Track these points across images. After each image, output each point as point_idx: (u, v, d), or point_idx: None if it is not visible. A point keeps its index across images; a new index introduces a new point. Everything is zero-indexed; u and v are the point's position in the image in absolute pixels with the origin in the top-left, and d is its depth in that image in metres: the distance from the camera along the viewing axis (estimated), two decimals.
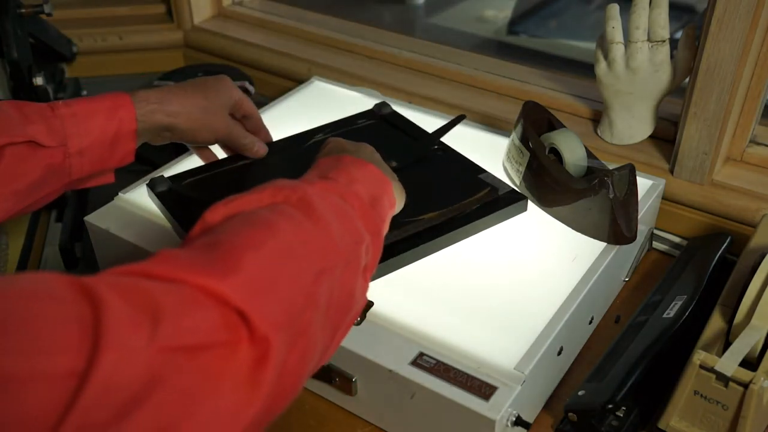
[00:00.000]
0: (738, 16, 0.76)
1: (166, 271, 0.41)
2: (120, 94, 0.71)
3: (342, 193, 0.55)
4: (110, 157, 0.71)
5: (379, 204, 0.59)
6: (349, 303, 0.52)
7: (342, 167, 0.58)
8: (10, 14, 0.96)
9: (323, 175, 0.57)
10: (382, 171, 0.62)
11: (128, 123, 0.70)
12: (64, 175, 0.69)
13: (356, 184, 0.57)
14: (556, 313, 0.67)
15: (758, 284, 0.65)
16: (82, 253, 1.00)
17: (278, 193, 0.51)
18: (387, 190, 0.61)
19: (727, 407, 0.61)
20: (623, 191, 0.74)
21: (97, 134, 0.69)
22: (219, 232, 0.47)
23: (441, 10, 1.73)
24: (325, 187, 0.55)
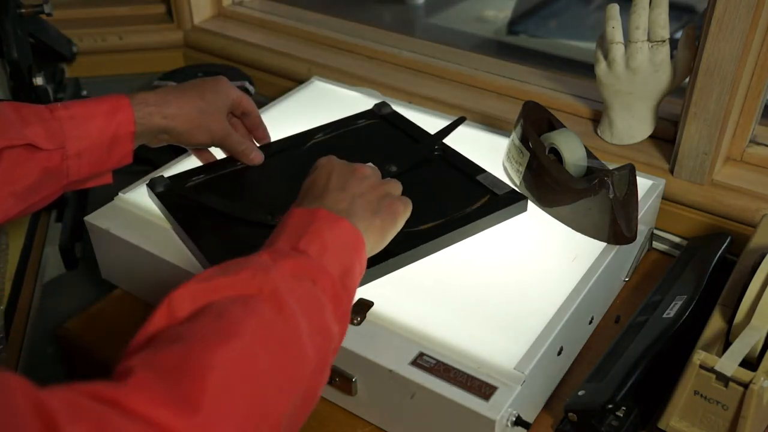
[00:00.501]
0: (738, 16, 0.76)
1: (136, 404, 0.40)
2: (118, 96, 0.72)
3: (313, 275, 0.53)
4: (108, 158, 0.71)
5: (349, 277, 0.57)
6: (310, 405, 0.52)
7: (315, 231, 0.56)
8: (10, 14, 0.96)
9: (295, 245, 0.55)
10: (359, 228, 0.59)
11: (127, 125, 0.71)
12: (62, 177, 0.69)
13: (329, 254, 0.55)
14: (556, 313, 0.67)
15: (758, 284, 0.65)
16: (82, 253, 1.00)
17: (251, 282, 0.50)
18: (360, 254, 0.59)
19: (727, 407, 0.61)
20: (623, 191, 0.74)
21: (95, 137, 0.69)
22: (187, 340, 0.44)
23: (441, 10, 1.73)
24: (297, 269, 0.53)
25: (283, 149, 0.87)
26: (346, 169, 0.66)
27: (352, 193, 0.62)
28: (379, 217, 0.63)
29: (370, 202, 0.63)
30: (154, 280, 0.78)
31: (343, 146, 0.88)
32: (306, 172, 0.84)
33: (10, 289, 0.88)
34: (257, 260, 0.53)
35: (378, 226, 0.62)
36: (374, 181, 0.66)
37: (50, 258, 0.98)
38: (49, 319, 0.91)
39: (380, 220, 0.63)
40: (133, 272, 0.81)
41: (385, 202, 0.64)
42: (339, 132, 0.91)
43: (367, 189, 0.64)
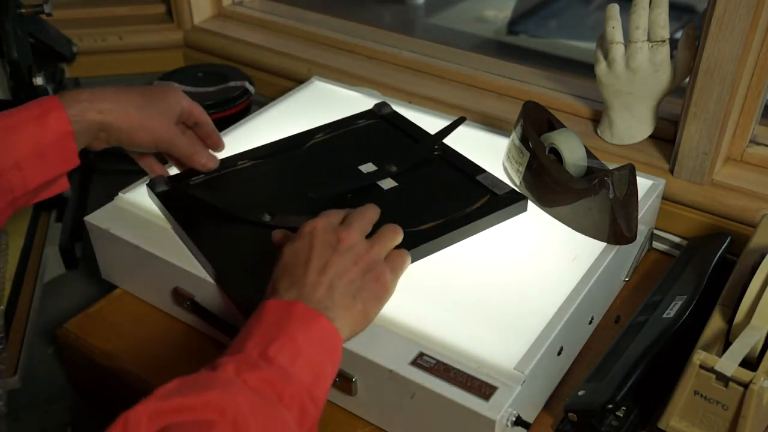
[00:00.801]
0: (738, 16, 0.76)
1: None
2: (48, 98, 0.68)
3: (280, 390, 0.51)
4: (52, 164, 0.68)
5: (320, 386, 0.54)
6: None
7: (288, 335, 0.53)
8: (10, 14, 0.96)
9: (264, 350, 0.52)
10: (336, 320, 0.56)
11: (62, 125, 0.67)
12: (6, 193, 0.66)
13: (300, 362, 0.53)
14: (556, 313, 0.67)
15: (758, 284, 0.65)
16: (82, 253, 1.00)
17: (213, 405, 0.47)
18: (335, 353, 0.56)
19: (727, 407, 0.61)
20: (623, 191, 0.74)
21: (30, 145, 0.66)
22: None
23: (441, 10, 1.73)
24: (263, 383, 0.50)
25: (283, 149, 0.87)
26: (329, 239, 0.61)
27: (332, 275, 0.59)
28: (360, 300, 0.59)
29: (352, 281, 0.59)
30: (154, 280, 0.78)
31: (343, 146, 0.88)
32: (306, 172, 0.84)
33: (10, 289, 0.88)
34: (222, 376, 0.50)
35: (359, 311, 0.59)
36: (359, 251, 0.61)
37: (50, 258, 0.98)
38: (49, 319, 0.91)
39: (362, 303, 0.59)
40: (133, 272, 0.81)
41: (369, 277, 0.60)
42: (339, 132, 0.91)
43: (351, 264, 0.60)
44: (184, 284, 0.75)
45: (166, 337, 0.78)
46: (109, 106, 0.70)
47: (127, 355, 0.76)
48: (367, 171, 0.83)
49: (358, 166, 0.83)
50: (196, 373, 0.51)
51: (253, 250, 0.73)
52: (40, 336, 0.90)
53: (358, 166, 0.83)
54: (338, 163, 0.85)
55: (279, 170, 0.84)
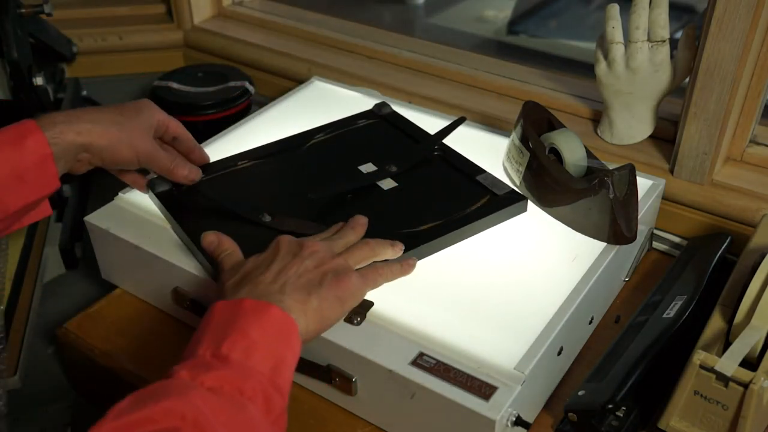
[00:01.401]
0: (738, 16, 0.76)
1: None
2: (24, 122, 0.66)
3: (239, 384, 0.50)
4: (33, 188, 0.66)
5: (281, 373, 0.53)
6: None
7: (238, 329, 0.53)
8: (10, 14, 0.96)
9: (216, 350, 0.52)
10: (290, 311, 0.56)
11: (41, 148, 0.65)
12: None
13: (256, 354, 0.52)
14: (556, 313, 0.67)
15: (758, 284, 0.65)
16: (82, 253, 1.00)
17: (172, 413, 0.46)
18: (291, 339, 0.55)
19: (727, 407, 0.61)
20: (623, 191, 0.74)
21: (8, 168, 0.64)
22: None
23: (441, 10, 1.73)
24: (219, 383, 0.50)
25: (283, 149, 0.87)
26: (293, 248, 0.62)
27: (288, 274, 0.59)
28: (317, 297, 0.58)
29: (310, 280, 0.59)
30: (154, 280, 0.78)
31: (343, 146, 0.88)
32: (306, 172, 0.84)
33: (10, 289, 0.88)
34: (177, 383, 0.49)
35: (315, 307, 0.58)
36: (321, 257, 0.62)
37: (50, 258, 0.98)
38: (49, 319, 0.91)
39: (318, 300, 0.59)
40: (133, 272, 0.81)
41: (330, 278, 0.60)
42: (339, 132, 0.91)
43: (311, 266, 0.60)
44: (184, 284, 0.75)
45: (166, 337, 0.78)
46: (87, 126, 0.69)
47: (127, 355, 0.76)
48: (367, 171, 0.83)
49: (358, 167, 0.83)
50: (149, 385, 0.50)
51: (253, 250, 0.72)
52: (40, 336, 0.90)
53: (358, 167, 0.83)
54: (338, 163, 0.85)
55: (279, 170, 0.84)
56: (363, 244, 0.67)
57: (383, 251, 0.67)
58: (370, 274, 0.65)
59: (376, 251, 0.67)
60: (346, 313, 0.63)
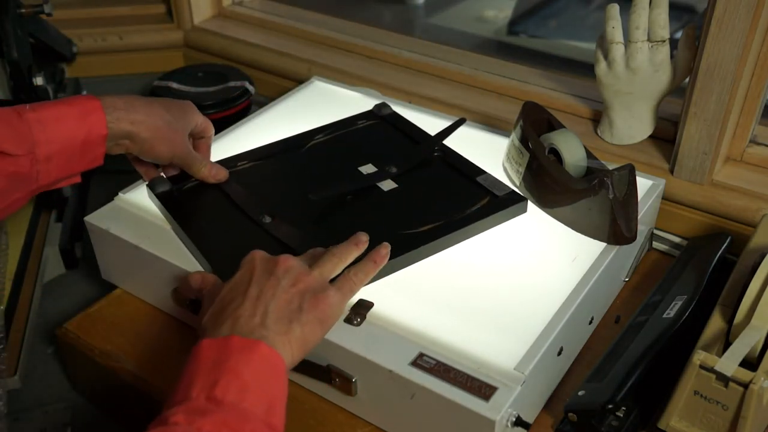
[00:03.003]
0: (738, 16, 0.76)
1: None
2: (89, 97, 0.69)
3: (237, 428, 0.50)
4: (79, 161, 0.69)
5: (275, 413, 0.53)
6: None
7: (230, 370, 0.52)
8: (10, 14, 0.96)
9: (210, 392, 0.51)
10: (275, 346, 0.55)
11: (99, 128, 0.68)
12: (31, 182, 0.66)
13: (249, 396, 0.52)
14: (556, 313, 0.67)
15: (758, 284, 0.65)
16: (82, 253, 1.00)
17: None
18: (280, 376, 0.55)
19: (727, 407, 0.61)
20: (623, 191, 0.74)
21: (65, 140, 0.67)
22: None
23: (441, 10, 1.73)
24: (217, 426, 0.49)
25: (283, 150, 0.87)
26: (267, 266, 0.62)
27: (266, 300, 0.58)
28: (298, 324, 0.58)
29: (289, 303, 0.59)
30: (154, 280, 0.78)
31: (343, 147, 0.88)
32: (306, 173, 0.84)
33: (10, 289, 0.88)
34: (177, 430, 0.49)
35: (298, 336, 0.58)
36: (296, 274, 0.61)
37: (50, 258, 0.98)
38: (49, 319, 0.91)
39: (300, 327, 0.58)
40: (133, 272, 0.81)
41: (309, 299, 0.60)
42: (339, 133, 0.91)
43: (288, 286, 0.60)
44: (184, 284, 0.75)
45: (166, 337, 0.78)
46: (141, 117, 0.71)
47: (127, 355, 0.76)
48: (367, 172, 0.83)
49: (358, 167, 0.83)
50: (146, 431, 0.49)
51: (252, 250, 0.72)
52: (40, 336, 0.90)
53: (358, 167, 0.83)
54: (338, 164, 0.85)
55: (279, 171, 0.84)
56: (328, 254, 0.65)
57: (349, 254, 0.66)
58: (346, 286, 0.64)
59: (343, 258, 0.65)
60: (327, 332, 0.62)
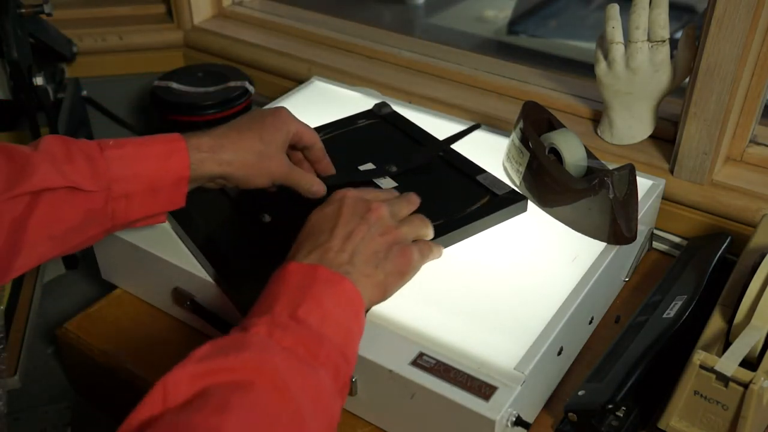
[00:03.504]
0: (738, 16, 0.76)
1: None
2: (174, 137, 0.67)
3: (315, 350, 0.52)
4: (159, 202, 0.67)
5: (350, 345, 0.55)
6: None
7: (314, 297, 0.54)
8: (10, 14, 0.96)
9: (294, 311, 0.53)
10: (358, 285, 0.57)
11: (181, 170, 0.66)
12: (106, 220, 0.64)
13: (329, 322, 0.54)
14: (556, 313, 0.67)
15: (758, 284, 0.65)
16: (82, 253, 1.00)
17: (250, 366, 0.48)
18: (359, 315, 0.57)
19: (727, 407, 0.61)
20: (623, 191, 0.74)
21: (145, 179, 0.65)
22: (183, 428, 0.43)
23: (441, 10, 1.73)
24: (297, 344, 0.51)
25: None
26: (358, 208, 0.62)
27: (356, 242, 0.60)
28: (382, 271, 0.60)
29: (376, 252, 0.61)
30: (154, 280, 0.78)
31: (343, 146, 0.88)
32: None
33: (10, 289, 0.88)
34: (256, 339, 0.51)
35: (380, 282, 0.60)
36: (386, 225, 0.63)
37: None
38: (49, 319, 0.91)
39: (384, 274, 0.61)
40: (133, 272, 0.81)
41: (395, 250, 0.62)
42: (339, 132, 0.91)
43: (377, 234, 0.61)
44: (184, 284, 0.75)
45: (166, 337, 0.78)
46: (230, 157, 0.68)
47: (127, 355, 0.76)
48: (367, 171, 0.83)
49: (357, 166, 0.83)
50: (226, 335, 0.52)
51: (252, 250, 0.73)
52: (40, 336, 0.90)
53: (357, 166, 0.83)
54: (338, 163, 0.85)
55: None
56: (418, 218, 0.67)
57: (429, 230, 0.68)
58: (425, 249, 0.66)
59: (428, 227, 0.68)
60: (404, 285, 0.64)
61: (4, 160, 0.59)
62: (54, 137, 0.63)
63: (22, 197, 0.59)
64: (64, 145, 0.62)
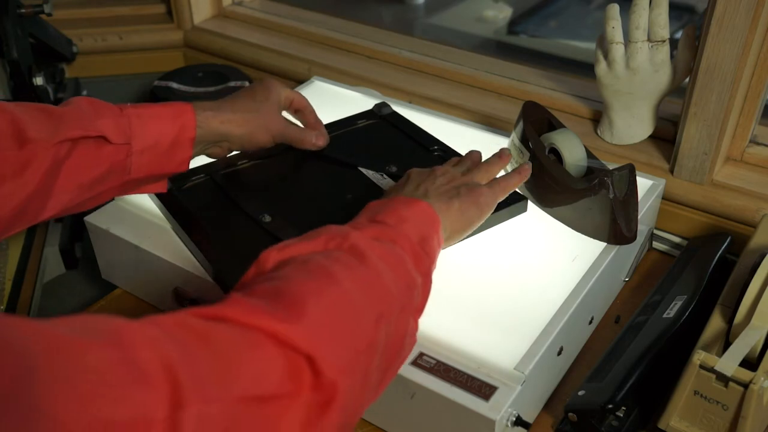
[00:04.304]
0: (738, 16, 0.76)
1: (239, 315, 0.43)
2: (182, 103, 0.73)
3: (392, 236, 0.56)
4: (168, 161, 0.72)
5: (428, 244, 0.59)
6: (401, 345, 0.54)
7: (391, 208, 0.59)
8: (10, 14, 0.96)
9: (372, 218, 0.58)
10: (435, 209, 0.62)
11: (189, 130, 0.72)
12: (123, 173, 0.70)
13: (406, 224, 0.58)
14: (556, 313, 0.67)
15: (758, 284, 0.65)
16: (82, 253, 1.00)
17: (330, 241, 0.54)
18: (436, 228, 0.61)
19: (727, 407, 0.61)
20: (623, 191, 0.74)
21: (158, 137, 0.70)
22: (278, 279, 0.48)
23: (441, 10, 1.73)
24: (375, 232, 0.56)
25: (283, 149, 0.87)
26: (424, 172, 0.69)
27: (427, 185, 0.65)
28: (457, 200, 0.65)
29: (447, 190, 0.65)
30: (154, 280, 0.78)
31: (343, 146, 0.88)
32: (306, 171, 0.84)
33: (10, 289, 0.88)
34: (336, 228, 0.56)
35: (456, 208, 0.64)
36: (453, 174, 0.68)
37: (50, 258, 0.98)
38: None
39: (459, 202, 0.65)
40: (133, 272, 0.81)
41: (464, 189, 0.66)
42: (339, 132, 0.91)
43: (444, 182, 0.67)
44: (184, 284, 0.75)
45: None
46: (229, 115, 0.75)
47: None
48: (367, 171, 0.83)
49: (358, 167, 0.83)
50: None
51: (253, 250, 0.72)
52: None
53: (358, 167, 0.83)
54: (338, 163, 0.85)
55: (279, 171, 0.84)
56: (482, 165, 0.72)
57: (495, 168, 0.73)
58: (497, 186, 0.70)
59: (490, 171, 0.72)
60: (483, 220, 0.68)
61: (43, 114, 0.65)
62: (81, 98, 0.69)
63: (65, 143, 0.65)
64: (91, 103, 0.69)
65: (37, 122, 0.64)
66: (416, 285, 0.55)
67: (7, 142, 0.62)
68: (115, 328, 0.37)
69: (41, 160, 0.63)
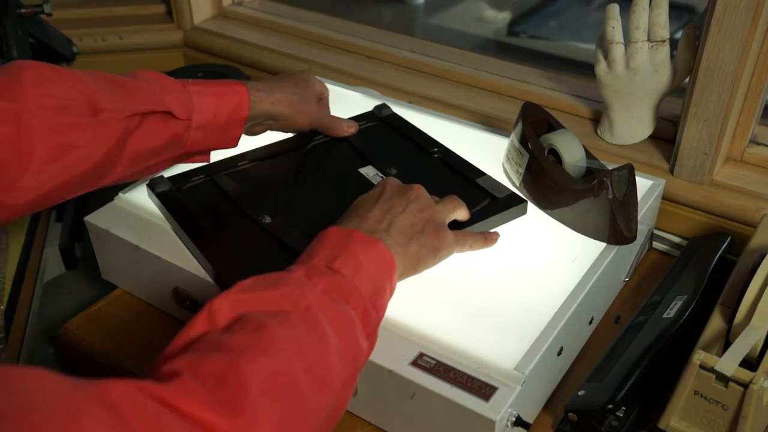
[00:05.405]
0: (738, 16, 0.76)
1: (186, 406, 0.42)
2: (238, 81, 0.77)
3: (346, 293, 0.56)
4: (221, 138, 0.76)
5: (379, 299, 0.59)
6: (340, 411, 0.54)
7: (349, 252, 0.58)
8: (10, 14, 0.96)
9: (330, 263, 0.57)
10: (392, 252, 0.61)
11: (243, 109, 0.75)
12: (179, 146, 0.73)
13: (361, 275, 0.57)
14: (556, 313, 0.67)
15: (758, 284, 0.65)
16: (82, 253, 1.00)
17: (287, 298, 0.53)
18: (390, 276, 0.61)
19: (727, 407, 0.61)
20: (623, 191, 0.74)
21: (215, 113, 0.74)
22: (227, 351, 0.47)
23: (441, 10, 1.73)
24: (330, 284, 0.55)
25: (283, 151, 0.87)
26: (398, 190, 0.67)
27: (394, 214, 0.64)
28: (416, 243, 0.63)
29: (413, 224, 0.64)
30: (154, 280, 0.78)
31: (343, 148, 0.88)
32: (306, 173, 0.84)
33: (10, 289, 0.88)
34: (294, 277, 0.55)
35: (413, 252, 0.63)
36: (424, 204, 0.67)
37: (50, 258, 0.98)
38: (49, 319, 0.91)
39: (417, 245, 0.63)
40: (133, 272, 0.81)
41: (430, 227, 0.65)
42: None
43: (416, 211, 0.65)
44: (184, 284, 0.75)
45: (166, 337, 0.78)
46: (278, 96, 0.79)
47: (127, 355, 0.76)
48: (367, 173, 0.83)
49: (358, 169, 0.83)
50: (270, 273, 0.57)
51: (252, 250, 0.73)
52: (40, 336, 0.90)
53: (358, 169, 0.83)
54: (338, 165, 0.85)
55: (279, 172, 0.84)
56: (453, 198, 0.72)
57: (463, 210, 0.72)
58: (461, 237, 0.70)
59: (461, 208, 0.72)
60: (435, 264, 0.67)
61: (114, 85, 0.68)
62: (147, 71, 0.73)
63: (135, 117, 0.68)
64: (158, 77, 0.72)
65: (108, 93, 0.67)
66: (362, 353, 0.55)
67: (82, 110, 0.65)
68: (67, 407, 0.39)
69: (113, 131, 0.66)
